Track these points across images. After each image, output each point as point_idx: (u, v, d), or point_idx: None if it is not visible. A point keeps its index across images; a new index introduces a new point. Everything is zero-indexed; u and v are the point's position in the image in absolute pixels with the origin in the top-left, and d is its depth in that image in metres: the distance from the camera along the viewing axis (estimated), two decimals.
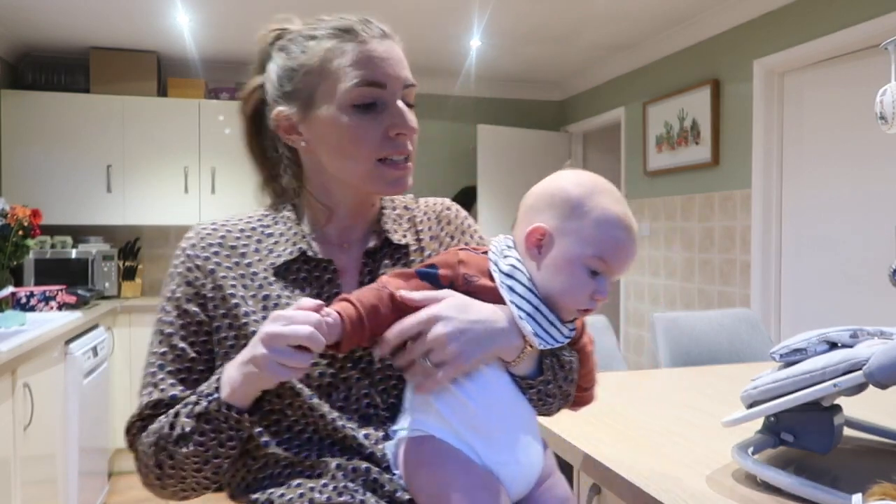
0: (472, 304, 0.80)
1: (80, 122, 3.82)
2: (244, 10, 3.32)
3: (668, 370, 2.08)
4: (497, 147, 4.60)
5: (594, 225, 0.81)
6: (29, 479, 2.23)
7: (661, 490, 1.03)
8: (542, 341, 0.80)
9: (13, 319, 2.57)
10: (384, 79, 0.84)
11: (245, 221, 0.93)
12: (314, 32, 0.86)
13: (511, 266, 0.82)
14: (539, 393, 0.84)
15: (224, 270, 0.86)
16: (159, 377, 0.84)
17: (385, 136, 0.85)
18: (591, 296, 0.81)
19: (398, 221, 0.97)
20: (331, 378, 0.82)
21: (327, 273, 0.88)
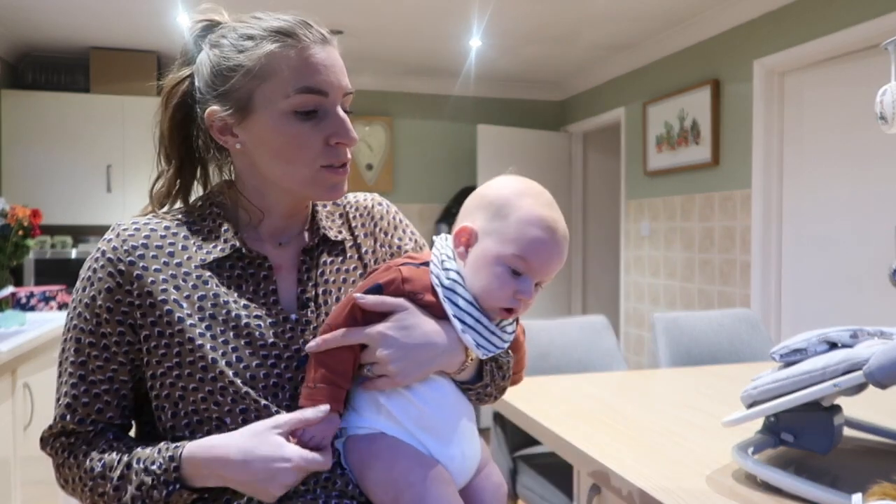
0: (417, 323, 0.81)
1: (80, 122, 3.82)
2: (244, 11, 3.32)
3: (668, 370, 2.08)
4: (497, 147, 4.60)
5: (516, 224, 0.82)
6: (29, 479, 2.23)
7: (661, 490, 1.03)
8: (484, 351, 0.83)
9: (13, 319, 2.57)
10: (326, 87, 0.82)
11: (170, 219, 0.89)
12: (252, 32, 0.83)
13: (452, 280, 0.84)
14: (478, 394, 0.89)
15: (152, 274, 0.82)
16: (81, 391, 0.82)
17: (326, 145, 0.84)
18: (514, 294, 0.82)
19: (331, 218, 0.97)
20: (276, 378, 0.82)
21: (262, 270, 0.87)
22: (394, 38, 3.84)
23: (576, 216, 5.03)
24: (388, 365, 0.79)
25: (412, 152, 4.78)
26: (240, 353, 0.81)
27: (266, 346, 0.82)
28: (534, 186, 0.87)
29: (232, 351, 0.81)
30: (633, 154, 4.25)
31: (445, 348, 0.82)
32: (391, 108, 4.74)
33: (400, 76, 4.66)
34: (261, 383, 0.81)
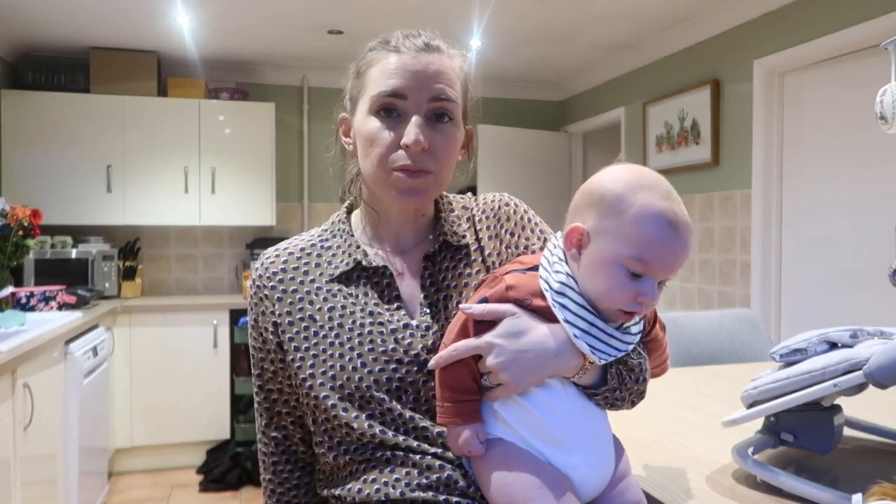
0: (525, 329, 0.80)
1: (80, 122, 3.82)
2: (244, 10, 3.32)
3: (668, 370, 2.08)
4: (497, 147, 4.60)
5: (632, 222, 0.76)
6: (29, 479, 2.23)
7: (661, 490, 1.03)
8: (602, 356, 0.79)
9: (13, 319, 2.57)
10: (405, 90, 0.86)
11: (306, 240, 0.97)
12: (374, 44, 0.91)
13: (561, 283, 0.79)
14: (606, 399, 0.84)
15: (290, 295, 0.91)
16: (262, 399, 0.95)
17: (398, 145, 0.86)
18: (635, 297, 0.77)
19: (457, 222, 0.98)
20: (398, 382, 0.85)
21: (385, 279, 0.91)
22: None
23: None
24: (500, 373, 0.78)
25: None
26: (364, 359, 0.86)
27: (387, 352, 0.86)
28: (649, 176, 0.80)
29: (357, 357, 0.86)
30: (633, 154, 4.25)
31: (557, 352, 0.79)
32: None
33: None
34: (384, 387, 0.84)
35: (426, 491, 0.80)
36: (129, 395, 3.63)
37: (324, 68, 4.42)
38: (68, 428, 2.71)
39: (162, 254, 4.30)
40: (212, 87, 4.17)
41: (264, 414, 0.94)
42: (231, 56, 4.12)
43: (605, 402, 0.84)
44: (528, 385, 0.79)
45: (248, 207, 4.07)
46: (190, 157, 3.99)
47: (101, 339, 3.18)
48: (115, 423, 3.56)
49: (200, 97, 4.04)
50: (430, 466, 0.81)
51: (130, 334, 3.64)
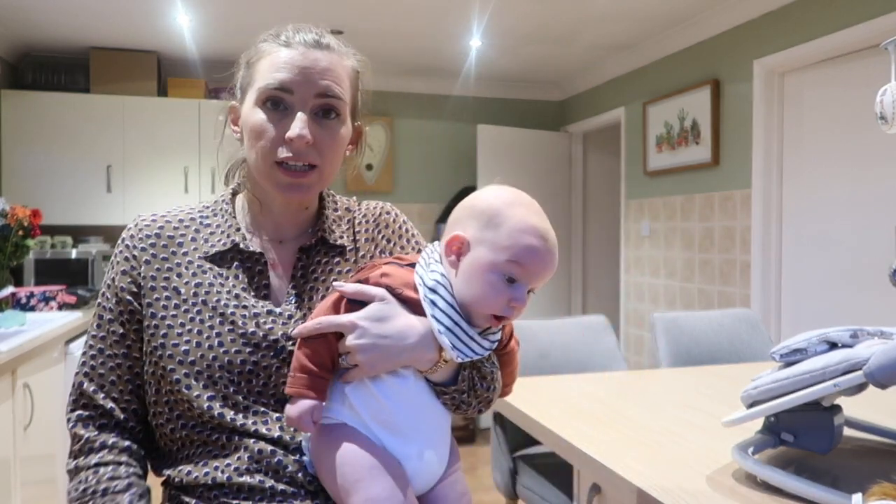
0: (391, 315, 0.83)
1: (80, 122, 3.82)
2: (244, 10, 3.32)
3: (668, 370, 2.08)
4: (497, 147, 4.60)
5: (509, 232, 0.83)
6: (29, 479, 2.23)
7: (661, 490, 1.03)
8: (460, 354, 0.83)
9: (13, 319, 2.57)
10: (292, 84, 0.87)
11: (186, 213, 0.97)
12: (266, 37, 0.93)
13: (435, 281, 0.84)
14: (453, 399, 0.87)
15: (158, 262, 0.91)
16: (98, 363, 0.90)
17: (282, 139, 0.87)
18: (508, 302, 0.82)
19: (338, 222, 1.00)
20: (252, 366, 0.86)
21: (258, 265, 0.93)
22: (394, 38, 3.84)
23: (576, 216, 5.03)
24: (357, 354, 0.81)
25: (412, 152, 4.78)
26: (222, 339, 0.86)
27: (246, 334, 0.87)
28: (523, 196, 0.88)
29: (215, 336, 0.86)
30: (633, 154, 4.25)
31: (416, 344, 0.82)
32: (391, 108, 4.74)
33: (400, 76, 4.66)
34: (237, 368, 0.86)
35: (254, 475, 0.82)
36: None
37: None
38: None
39: None
40: (212, 87, 4.17)
41: (95, 379, 0.90)
42: (231, 56, 4.06)
43: (452, 403, 0.87)
44: (382, 370, 0.82)
45: None
46: (190, 157, 3.99)
47: None
48: None
49: (200, 97, 4.04)
50: (262, 451, 0.83)
51: None
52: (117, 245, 0.94)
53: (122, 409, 0.90)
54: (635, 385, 1.84)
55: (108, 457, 0.88)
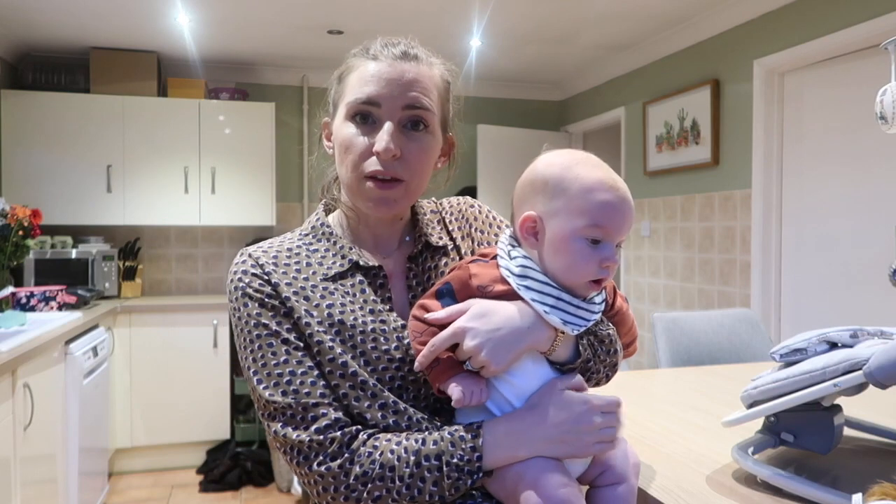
0: (493, 309, 0.82)
1: (80, 122, 3.82)
2: (244, 10, 3.32)
3: (668, 370, 2.08)
4: (497, 147, 4.60)
5: (577, 196, 0.81)
6: (29, 479, 2.23)
7: (661, 490, 1.03)
8: (574, 327, 0.83)
9: (13, 319, 2.57)
10: (379, 98, 0.87)
11: (289, 242, 0.95)
12: (355, 50, 0.93)
13: (521, 266, 0.83)
14: (583, 372, 0.87)
15: (284, 288, 0.88)
16: (298, 384, 0.83)
17: (370, 152, 0.87)
18: (599, 264, 0.81)
19: (431, 225, 1.00)
20: (400, 381, 0.86)
21: (378, 279, 0.92)
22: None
23: None
24: (479, 354, 0.80)
25: None
26: (367, 357, 0.86)
27: (389, 350, 0.87)
28: (577, 154, 0.87)
29: (360, 355, 0.86)
30: (633, 154, 4.25)
31: (530, 325, 0.82)
32: None
33: None
34: (386, 385, 0.86)
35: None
36: (129, 395, 3.63)
37: (324, 68, 4.42)
38: (68, 428, 2.71)
39: (162, 254, 4.30)
40: (212, 87, 4.17)
41: (323, 383, 0.83)
42: (231, 56, 4.12)
43: (582, 375, 0.87)
44: (509, 362, 0.81)
45: (248, 207, 4.07)
46: (190, 157, 3.99)
47: (101, 340, 3.18)
48: (115, 423, 3.56)
49: (200, 97, 4.04)
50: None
51: (130, 334, 3.64)
52: (237, 280, 0.88)
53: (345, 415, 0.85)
54: (635, 385, 1.84)
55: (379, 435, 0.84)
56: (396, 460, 0.80)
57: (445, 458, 0.80)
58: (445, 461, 0.80)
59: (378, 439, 0.82)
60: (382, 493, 0.79)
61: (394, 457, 0.80)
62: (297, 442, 0.81)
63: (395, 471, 0.79)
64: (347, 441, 0.81)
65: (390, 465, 0.79)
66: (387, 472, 0.79)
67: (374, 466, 0.80)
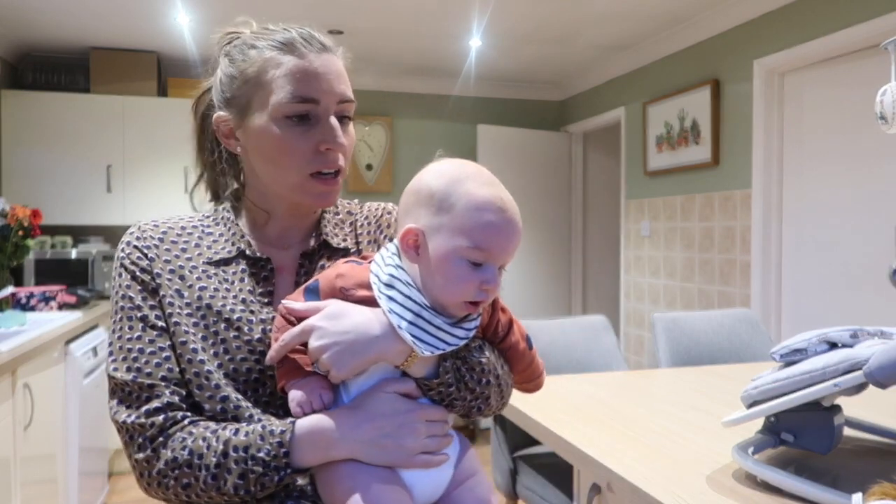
0: (347, 312, 0.79)
1: (80, 122, 3.82)
2: (244, 11, 3.32)
3: (668, 370, 2.08)
4: (497, 147, 4.60)
5: (462, 214, 0.77)
6: (29, 479, 2.23)
7: (661, 490, 1.03)
8: (427, 347, 0.77)
9: (13, 319, 2.57)
10: (317, 94, 0.85)
11: (187, 220, 0.95)
12: (256, 42, 0.89)
13: (390, 276, 0.80)
14: (440, 395, 0.81)
15: (162, 263, 0.88)
16: (143, 363, 0.82)
17: (315, 151, 0.86)
18: (479, 286, 0.78)
19: (339, 225, 0.99)
20: (258, 374, 0.84)
21: (264, 271, 0.91)
22: (394, 38, 3.84)
23: (576, 216, 5.03)
24: (321, 355, 0.77)
25: (412, 152, 4.78)
26: (227, 346, 0.84)
27: (251, 341, 0.84)
28: (468, 167, 0.82)
29: (220, 342, 0.84)
30: (633, 154, 4.25)
31: (381, 335, 0.78)
32: (391, 108, 4.74)
33: (400, 76, 4.66)
34: (242, 377, 0.83)
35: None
36: None
37: None
38: (68, 428, 2.71)
39: None
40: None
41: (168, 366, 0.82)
42: None
43: (440, 398, 0.82)
44: (352, 370, 0.78)
45: None
46: (190, 157, 3.95)
47: (102, 340, 3.18)
48: None
49: None
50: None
51: None
52: (122, 249, 0.89)
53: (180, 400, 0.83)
54: (635, 385, 1.84)
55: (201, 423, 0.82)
56: (206, 448, 0.77)
57: (252, 451, 0.77)
58: (251, 454, 0.76)
59: (197, 426, 0.79)
60: (191, 480, 0.77)
61: (204, 444, 0.77)
62: (123, 423, 0.81)
63: (202, 458, 0.77)
64: (168, 426, 0.79)
65: (199, 452, 0.77)
66: (195, 460, 0.77)
67: (183, 453, 0.77)
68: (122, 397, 0.83)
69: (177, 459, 0.78)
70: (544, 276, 4.87)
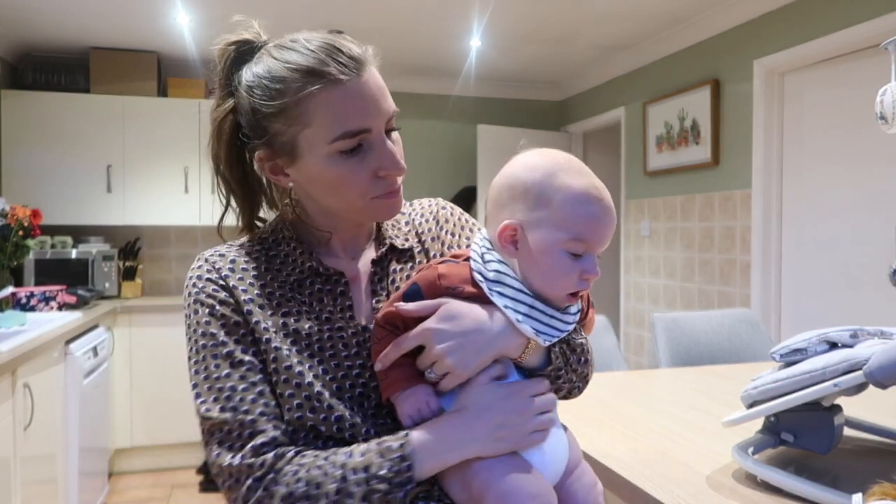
0: (465, 311, 0.79)
1: (80, 122, 3.82)
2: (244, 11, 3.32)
3: (668, 370, 2.08)
4: (497, 147, 4.60)
5: (561, 208, 0.78)
6: (29, 479, 2.23)
7: (661, 490, 1.03)
8: (546, 337, 0.79)
9: (13, 319, 2.57)
10: (366, 123, 0.82)
11: (248, 245, 0.91)
12: (283, 73, 0.81)
13: (496, 272, 0.80)
14: (552, 380, 0.84)
15: (240, 293, 0.84)
16: (238, 401, 0.78)
17: (374, 177, 0.84)
18: (580, 276, 0.78)
19: (396, 226, 0.98)
20: (361, 388, 0.82)
21: (339, 285, 0.89)
22: (394, 38, 3.84)
23: None
24: (445, 359, 0.77)
25: (412, 152, 4.75)
26: (325, 366, 0.82)
27: (349, 356, 0.83)
28: (559, 158, 0.82)
29: (318, 364, 0.82)
30: (633, 154, 4.25)
31: (501, 331, 0.78)
32: None
33: (400, 76, 4.66)
34: (346, 393, 0.81)
35: None
36: (129, 395, 3.63)
37: None
38: (68, 428, 2.71)
39: (162, 254, 4.30)
40: (212, 87, 4.16)
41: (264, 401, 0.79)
42: None
43: (553, 385, 0.84)
44: (476, 368, 0.78)
45: None
46: (190, 157, 3.98)
47: (102, 340, 3.18)
48: (115, 423, 3.56)
49: (200, 97, 4.03)
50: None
51: (130, 334, 3.64)
52: (193, 284, 0.85)
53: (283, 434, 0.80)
54: (635, 385, 1.84)
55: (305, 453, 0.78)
56: (323, 476, 0.74)
57: (373, 470, 0.74)
58: (373, 474, 0.74)
59: (305, 456, 0.77)
60: None
61: (320, 472, 0.75)
62: (228, 467, 0.76)
63: (321, 487, 0.74)
64: (276, 462, 0.76)
65: (316, 482, 0.74)
66: (312, 490, 0.74)
67: (299, 485, 0.74)
68: (222, 438, 0.78)
69: (293, 494, 0.74)
70: None
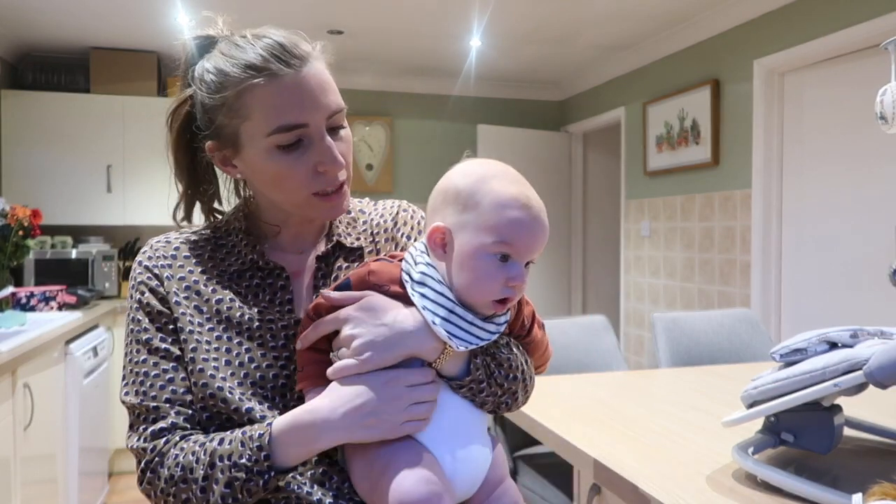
0: (384, 306, 0.80)
1: (80, 122, 3.82)
2: (244, 11, 3.32)
3: (668, 370, 2.08)
4: (497, 147, 4.60)
5: (488, 211, 0.78)
6: (29, 479, 2.23)
7: (661, 490, 1.03)
8: (461, 343, 0.79)
9: (13, 319, 2.57)
10: (303, 117, 0.81)
11: (200, 233, 0.94)
12: (228, 68, 0.83)
13: (422, 273, 0.81)
14: (472, 392, 0.82)
15: (176, 282, 0.87)
16: (148, 387, 0.82)
17: (314, 172, 0.84)
18: (505, 283, 0.78)
19: (352, 224, 0.98)
20: (285, 379, 0.84)
21: (280, 279, 0.90)
22: (394, 38, 3.84)
23: (576, 216, 5.03)
24: (353, 343, 0.78)
25: (412, 152, 4.78)
26: (252, 355, 0.84)
27: (277, 347, 0.85)
28: (494, 166, 0.83)
29: (245, 352, 0.84)
30: (633, 154, 4.25)
31: (417, 329, 0.78)
32: (391, 108, 4.74)
33: (400, 76, 4.66)
34: (270, 383, 0.83)
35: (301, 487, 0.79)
36: None
37: None
38: (68, 428, 2.71)
39: None
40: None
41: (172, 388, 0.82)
42: None
43: (472, 396, 0.82)
44: (381, 363, 0.78)
45: None
46: None
47: (102, 340, 3.18)
48: (115, 423, 3.56)
49: None
50: (304, 463, 0.81)
51: None
52: (134, 270, 0.90)
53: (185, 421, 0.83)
54: (635, 385, 1.84)
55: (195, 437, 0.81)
56: (195, 462, 0.78)
57: (234, 458, 0.76)
58: (234, 462, 0.76)
59: (188, 440, 0.80)
60: (188, 495, 0.77)
61: (193, 458, 0.78)
62: (132, 449, 0.82)
63: (192, 472, 0.77)
64: (164, 446, 0.80)
65: (189, 466, 0.78)
66: (187, 475, 0.77)
67: (176, 469, 0.78)
68: (132, 421, 0.83)
69: (173, 477, 0.78)
70: (544, 276, 4.88)
